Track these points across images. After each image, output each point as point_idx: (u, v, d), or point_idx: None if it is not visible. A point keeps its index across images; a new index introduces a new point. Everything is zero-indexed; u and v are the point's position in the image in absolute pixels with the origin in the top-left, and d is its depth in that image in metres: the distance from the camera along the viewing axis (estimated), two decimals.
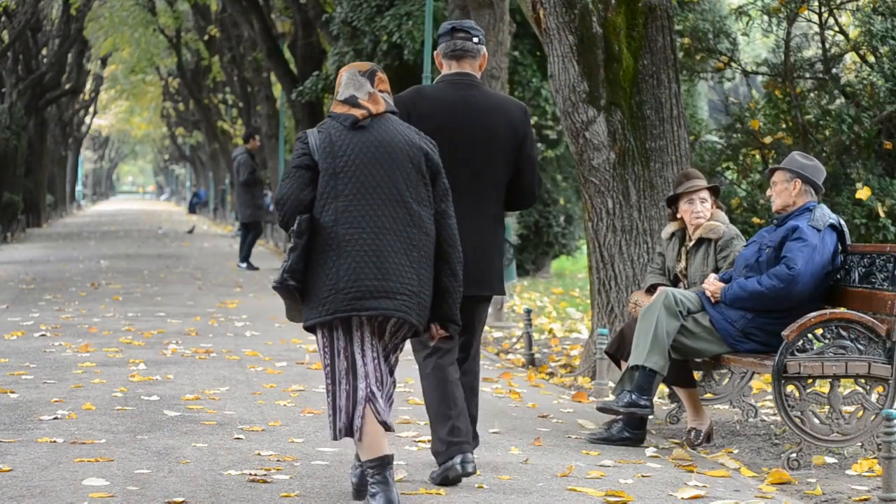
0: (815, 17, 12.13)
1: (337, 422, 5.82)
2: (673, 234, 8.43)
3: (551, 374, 11.01)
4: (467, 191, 6.62)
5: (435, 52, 6.86)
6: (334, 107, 6.03)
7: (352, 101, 6.00)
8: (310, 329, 5.90)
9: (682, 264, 8.33)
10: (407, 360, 11.42)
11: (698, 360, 7.94)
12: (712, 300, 7.75)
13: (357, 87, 6.04)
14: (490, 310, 15.82)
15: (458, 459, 6.36)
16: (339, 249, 5.80)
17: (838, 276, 7.66)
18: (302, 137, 6.00)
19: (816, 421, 7.18)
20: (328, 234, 5.82)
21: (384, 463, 5.75)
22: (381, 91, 6.06)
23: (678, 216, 8.37)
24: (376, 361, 5.86)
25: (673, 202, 8.43)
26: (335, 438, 5.85)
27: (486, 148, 6.69)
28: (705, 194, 8.28)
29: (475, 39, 6.73)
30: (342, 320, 5.80)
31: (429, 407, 6.46)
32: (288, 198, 5.89)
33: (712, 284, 7.79)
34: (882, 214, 11.23)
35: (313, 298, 5.81)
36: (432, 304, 5.98)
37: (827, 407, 7.19)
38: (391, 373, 5.94)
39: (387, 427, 5.80)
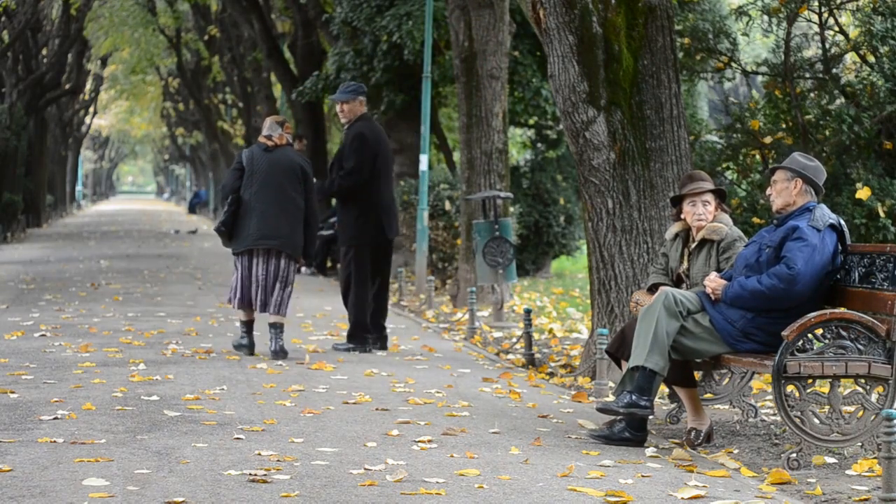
0: (815, 17, 12.12)
1: (233, 300, 11.45)
2: (677, 235, 8.43)
3: (551, 374, 11.01)
4: (386, 177, 12.03)
5: (360, 99, 11.99)
6: (260, 137, 11.56)
7: (268, 137, 11.50)
8: (235, 254, 11.44)
9: (685, 265, 8.32)
10: (407, 361, 11.43)
11: (698, 360, 7.94)
12: (713, 297, 7.74)
13: (273, 130, 11.54)
14: (490, 310, 15.89)
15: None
16: (250, 214, 11.33)
17: (838, 276, 7.65)
18: (239, 154, 11.58)
19: (816, 421, 7.17)
20: (245, 205, 11.36)
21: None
22: (286, 133, 11.61)
23: (682, 217, 8.36)
24: (265, 275, 11.34)
25: (677, 203, 8.43)
26: (235, 307, 11.49)
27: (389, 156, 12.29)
28: (708, 197, 8.27)
29: None
30: (249, 251, 11.35)
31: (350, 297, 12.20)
32: (227, 185, 11.50)
33: (713, 282, 7.79)
34: (882, 214, 11.23)
35: (237, 238, 11.40)
36: (303, 246, 11.45)
37: (827, 407, 7.19)
38: (284, 284, 11.37)
39: (265, 310, 11.39)
